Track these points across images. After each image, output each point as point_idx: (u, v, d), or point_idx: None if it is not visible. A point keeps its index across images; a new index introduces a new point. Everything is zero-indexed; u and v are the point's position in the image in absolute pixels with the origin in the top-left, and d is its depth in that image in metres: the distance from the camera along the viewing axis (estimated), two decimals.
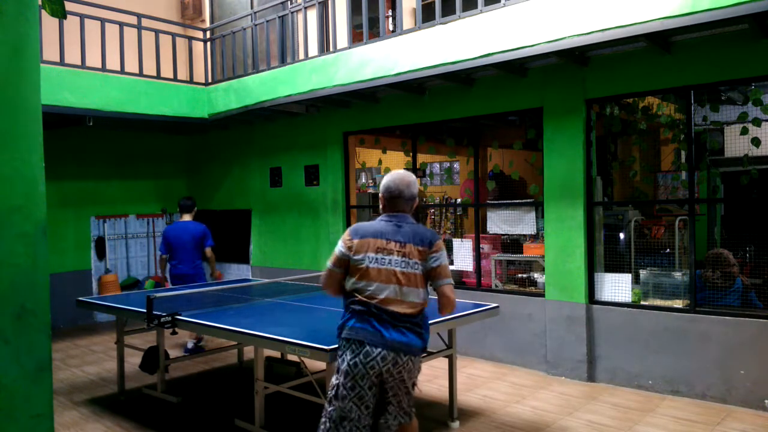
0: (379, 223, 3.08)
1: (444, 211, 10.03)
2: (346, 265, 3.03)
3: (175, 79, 7.94)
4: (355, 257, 2.99)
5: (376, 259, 2.96)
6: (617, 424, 4.46)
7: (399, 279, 2.95)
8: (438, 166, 10.68)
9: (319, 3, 6.89)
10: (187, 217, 6.69)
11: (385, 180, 3.14)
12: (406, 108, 6.85)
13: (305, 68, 6.86)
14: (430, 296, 3.08)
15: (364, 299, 2.97)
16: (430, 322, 4.06)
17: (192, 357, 6.13)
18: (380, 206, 3.19)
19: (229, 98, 7.85)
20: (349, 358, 2.96)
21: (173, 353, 6.04)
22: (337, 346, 3.16)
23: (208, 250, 6.60)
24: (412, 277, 2.97)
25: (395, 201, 3.10)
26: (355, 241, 3.00)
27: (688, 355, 4.94)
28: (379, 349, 2.91)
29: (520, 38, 5.06)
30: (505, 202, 6.41)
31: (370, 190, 9.48)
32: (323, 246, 7.83)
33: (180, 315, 4.33)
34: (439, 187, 10.72)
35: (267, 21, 7.58)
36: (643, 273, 5.46)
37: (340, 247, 3.05)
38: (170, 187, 9.83)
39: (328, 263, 3.07)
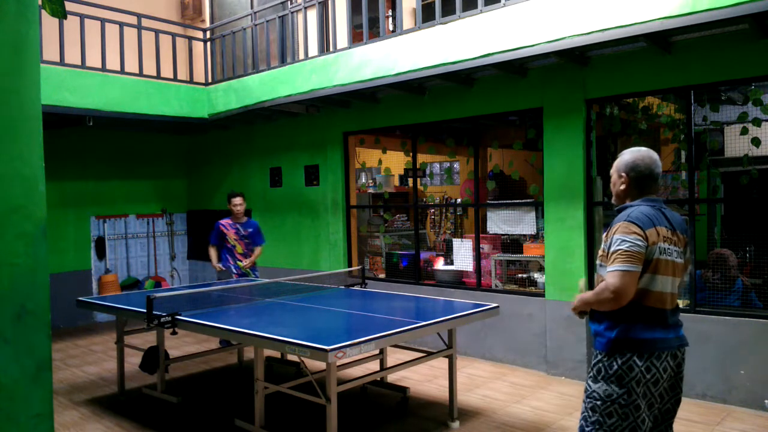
0: (649, 209, 2.59)
1: (444, 211, 10.03)
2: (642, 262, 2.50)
3: (175, 79, 7.95)
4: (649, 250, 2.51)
5: (665, 249, 2.55)
6: None
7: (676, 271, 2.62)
8: (438, 166, 10.68)
9: (319, 3, 6.89)
10: None
11: (630, 158, 2.66)
12: (406, 108, 6.85)
13: (305, 68, 6.86)
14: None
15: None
16: (433, 321, 4.08)
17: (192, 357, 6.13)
18: (621, 188, 2.68)
19: (229, 98, 7.85)
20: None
21: (173, 353, 6.04)
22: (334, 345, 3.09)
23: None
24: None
25: (649, 182, 2.64)
26: (647, 231, 2.51)
27: (688, 355, 4.88)
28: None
29: (520, 38, 5.06)
30: (505, 202, 6.41)
31: (370, 190, 9.48)
32: (323, 246, 7.83)
33: (180, 315, 4.33)
34: (439, 187, 10.73)
35: (267, 21, 7.58)
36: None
37: (633, 240, 2.47)
38: (170, 187, 9.83)
39: (625, 266, 2.44)
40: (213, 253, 6.78)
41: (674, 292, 2.62)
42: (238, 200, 6.68)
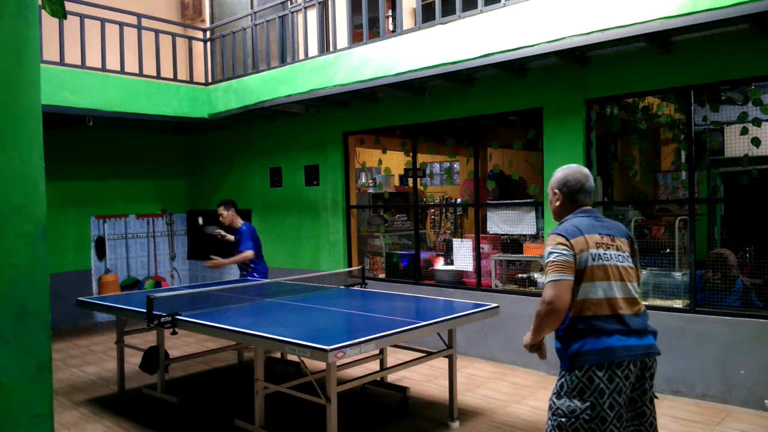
0: (581, 219, 2.70)
1: (444, 211, 10.03)
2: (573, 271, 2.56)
3: (175, 79, 7.94)
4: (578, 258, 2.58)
5: (600, 255, 2.59)
6: None
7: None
8: (438, 166, 10.69)
9: (319, 3, 6.89)
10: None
11: (561, 175, 2.80)
12: (406, 108, 6.85)
13: (305, 68, 6.86)
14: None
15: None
16: (433, 321, 4.08)
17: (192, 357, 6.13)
18: (556, 204, 2.82)
19: (229, 98, 7.85)
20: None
21: (173, 353, 6.03)
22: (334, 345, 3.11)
23: None
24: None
25: (579, 196, 2.76)
26: (572, 240, 2.59)
27: (688, 355, 4.94)
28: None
29: (520, 38, 5.06)
30: (505, 202, 6.41)
31: (370, 190, 9.48)
32: (323, 246, 7.83)
33: (180, 315, 4.33)
34: (439, 187, 10.73)
35: (267, 21, 7.58)
36: (643, 273, 5.46)
37: (560, 250, 2.57)
38: (170, 187, 9.83)
39: (555, 276, 2.53)
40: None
41: (629, 296, 2.59)
42: (219, 209, 6.50)
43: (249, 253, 6.39)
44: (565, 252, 2.55)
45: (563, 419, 2.52)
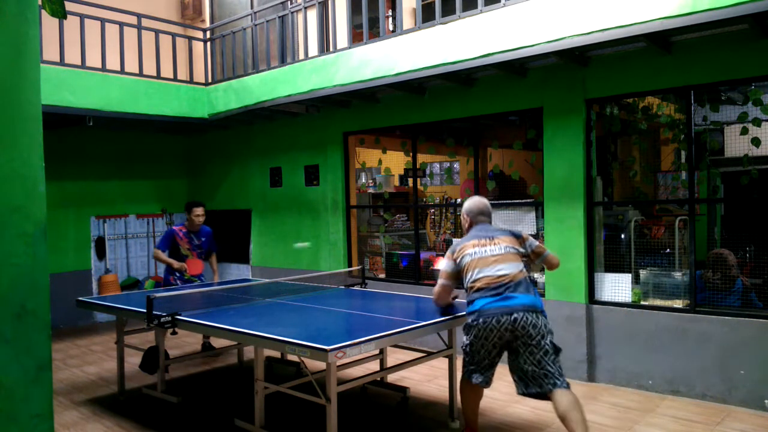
0: (470, 235, 3.95)
1: (444, 211, 10.03)
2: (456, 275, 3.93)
3: (175, 79, 7.94)
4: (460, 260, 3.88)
5: (476, 252, 3.80)
6: (617, 424, 4.46)
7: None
8: (438, 166, 10.69)
9: (319, 3, 6.89)
10: None
11: (468, 205, 4.06)
12: (406, 108, 6.85)
13: (305, 68, 6.86)
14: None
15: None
16: (433, 321, 4.08)
17: (192, 357, 6.13)
18: (465, 225, 4.06)
19: (229, 98, 7.85)
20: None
21: (173, 353, 6.04)
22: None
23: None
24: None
25: (478, 217, 4.03)
26: (454, 254, 3.90)
27: (688, 355, 4.94)
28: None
29: (520, 38, 5.06)
30: (505, 202, 6.41)
31: (370, 190, 9.48)
32: (323, 246, 7.83)
33: (180, 315, 4.33)
34: (439, 187, 10.73)
35: (267, 21, 7.58)
36: (643, 273, 5.46)
37: (447, 261, 3.98)
38: (170, 187, 9.83)
39: (440, 280, 4.06)
40: (164, 256, 6.35)
41: (500, 273, 3.67)
42: (201, 210, 6.42)
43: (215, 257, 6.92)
44: (449, 264, 3.93)
45: (461, 347, 3.87)
